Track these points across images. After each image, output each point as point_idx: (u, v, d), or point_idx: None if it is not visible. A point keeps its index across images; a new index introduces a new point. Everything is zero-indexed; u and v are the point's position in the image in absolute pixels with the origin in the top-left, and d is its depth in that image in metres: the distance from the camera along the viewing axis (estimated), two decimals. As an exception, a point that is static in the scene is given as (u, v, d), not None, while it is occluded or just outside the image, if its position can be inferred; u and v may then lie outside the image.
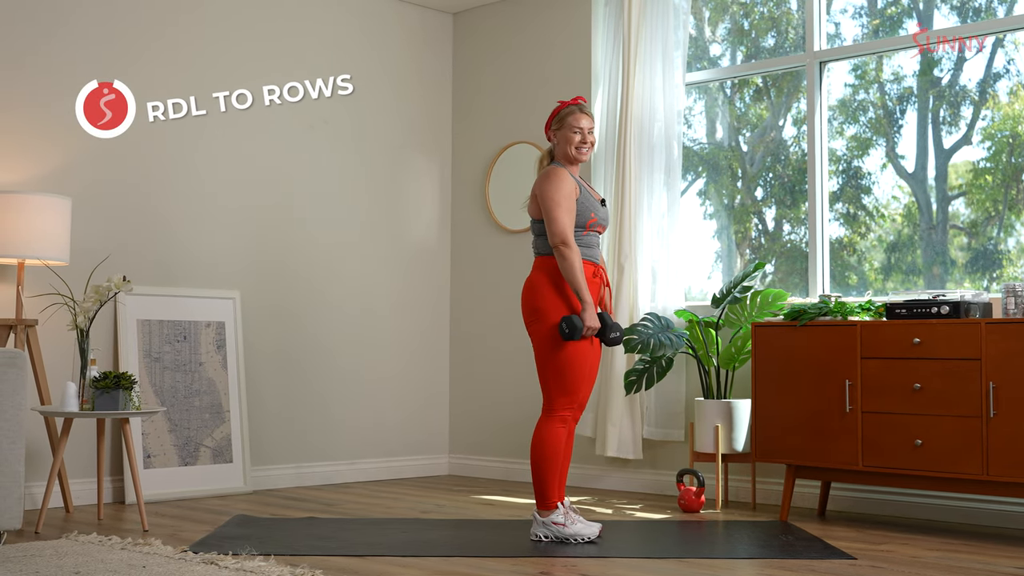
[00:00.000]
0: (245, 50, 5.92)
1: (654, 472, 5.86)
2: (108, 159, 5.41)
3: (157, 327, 5.50)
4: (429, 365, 6.73)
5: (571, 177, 4.25)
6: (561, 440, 4.21)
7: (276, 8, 6.09)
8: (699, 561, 3.91)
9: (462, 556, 3.97)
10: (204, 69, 5.74)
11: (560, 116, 4.33)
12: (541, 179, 4.26)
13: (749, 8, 6.08)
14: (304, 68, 6.09)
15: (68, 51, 5.29)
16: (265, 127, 6.00)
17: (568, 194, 4.19)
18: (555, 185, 4.20)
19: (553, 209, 4.16)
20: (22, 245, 4.72)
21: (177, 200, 5.66)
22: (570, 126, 4.29)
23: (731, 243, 6.05)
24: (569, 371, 4.18)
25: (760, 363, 4.95)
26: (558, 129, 4.32)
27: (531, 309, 4.24)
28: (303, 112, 6.16)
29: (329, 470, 6.18)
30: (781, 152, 5.88)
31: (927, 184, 5.40)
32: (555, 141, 4.34)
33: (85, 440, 5.22)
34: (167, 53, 5.63)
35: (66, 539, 4.17)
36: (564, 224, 4.15)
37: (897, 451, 4.52)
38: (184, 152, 5.69)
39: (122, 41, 5.48)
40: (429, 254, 6.76)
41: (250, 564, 3.63)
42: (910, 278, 5.42)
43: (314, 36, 6.24)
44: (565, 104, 4.35)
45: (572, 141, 4.28)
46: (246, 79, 5.81)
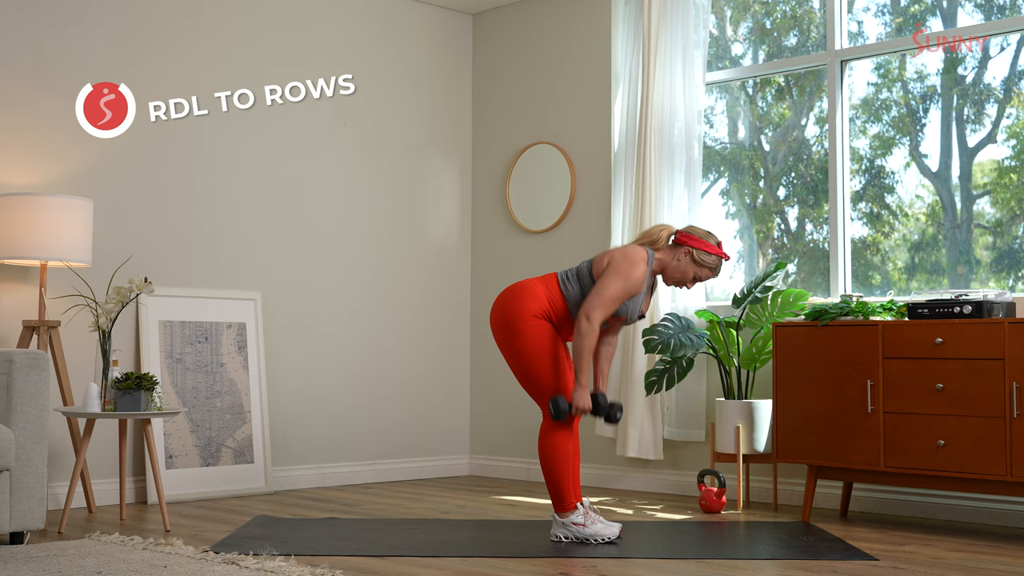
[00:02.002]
0: (265, 51, 5.94)
1: (675, 473, 5.84)
2: (130, 161, 5.44)
3: (179, 328, 5.53)
4: (450, 366, 6.73)
5: (644, 275, 4.17)
6: (567, 442, 4.19)
7: (297, 9, 6.10)
8: (720, 562, 3.89)
9: (482, 557, 3.96)
10: (223, 69, 5.76)
11: (706, 256, 4.23)
12: (625, 257, 4.15)
13: (771, 7, 6.05)
14: (325, 69, 6.10)
15: (91, 51, 5.32)
16: (286, 128, 6.02)
17: (632, 290, 4.14)
18: (632, 274, 4.12)
19: (610, 288, 4.10)
20: (45, 247, 4.75)
21: (198, 202, 5.68)
22: (698, 272, 4.25)
23: (753, 243, 6.02)
24: (536, 372, 4.15)
25: (781, 363, 4.92)
26: (692, 259, 4.24)
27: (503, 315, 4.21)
28: (323, 113, 6.17)
29: (350, 471, 6.20)
30: (804, 151, 5.85)
31: (951, 183, 5.36)
32: (680, 255, 4.25)
33: (107, 441, 5.24)
34: (183, 51, 5.66)
35: (88, 539, 4.19)
36: (605, 307, 4.10)
37: (919, 451, 4.49)
38: (205, 154, 5.71)
39: (136, 41, 5.51)
40: (449, 254, 6.77)
41: (270, 564, 3.64)
42: (934, 278, 5.38)
43: (333, 38, 6.25)
44: (721, 253, 4.26)
45: (684, 277, 4.25)
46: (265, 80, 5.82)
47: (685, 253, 4.25)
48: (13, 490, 4.09)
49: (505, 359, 4.25)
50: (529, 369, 4.15)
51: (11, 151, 5.07)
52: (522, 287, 4.23)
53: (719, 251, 4.26)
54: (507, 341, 4.18)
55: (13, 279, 5.05)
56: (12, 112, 5.08)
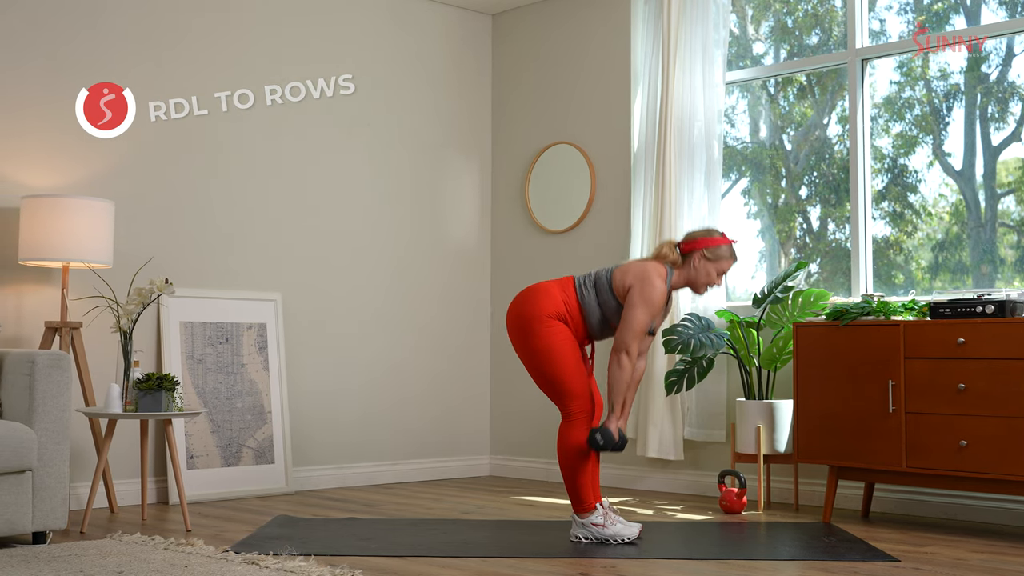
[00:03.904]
0: (283, 51, 5.96)
1: (695, 473, 5.82)
2: (150, 163, 5.46)
3: (199, 329, 5.55)
4: (470, 366, 6.73)
5: (664, 294, 4.19)
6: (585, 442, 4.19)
7: (316, 10, 6.12)
8: (740, 563, 3.88)
9: (501, 557, 3.96)
10: (239, 70, 5.78)
11: (717, 250, 4.25)
12: (646, 280, 4.15)
13: (792, 6, 6.02)
14: (342, 69, 6.11)
15: (108, 53, 5.35)
16: (305, 128, 6.04)
17: (655, 311, 4.16)
18: (653, 296, 4.13)
19: (638, 319, 4.12)
20: (67, 248, 4.78)
21: (218, 203, 5.70)
22: (720, 267, 4.26)
23: (775, 243, 6.00)
24: (552, 372, 4.15)
25: (802, 363, 4.90)
26: (707, 259, 4.25)
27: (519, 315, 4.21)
28: (342, 113, 6.18)
29: (370, 471, 6.21)
30: (826, 150, 5.82)
31: (975, 182, 5.31)
32: (693, 263, 4.26)
33: (129, 441, 5.27)
34: (197, 53, 5.68)
35: (110, 539, 4.21)
36: (639, 336, 4.13)
37: (941, 452, 4.45)
38: (224, 155, 5.74)
39: (152, 42, 5.53)
40: (469, 255, 6.77)
41: (290, 564, 3.65)
42: (958, 277, 5.34)
43: (354, 39, 6.27)
44: (727, 240, 4.28)
45: (711, 277, 4.25)
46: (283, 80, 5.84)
47: (699, 258, 4.26)
48: (36, 490, 4.11)
49: (521, 360, 4.25)
50: (545, 368, 4.15)
51: (33, 153, 5.10)
52: (538, 288, 4.24)
53: (725, 239, 4.29)
54: (523, 341, 4.19)
55: (36, 280, 5.08)
56: (33, 114, 5.11)
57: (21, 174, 5.06)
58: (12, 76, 5.06)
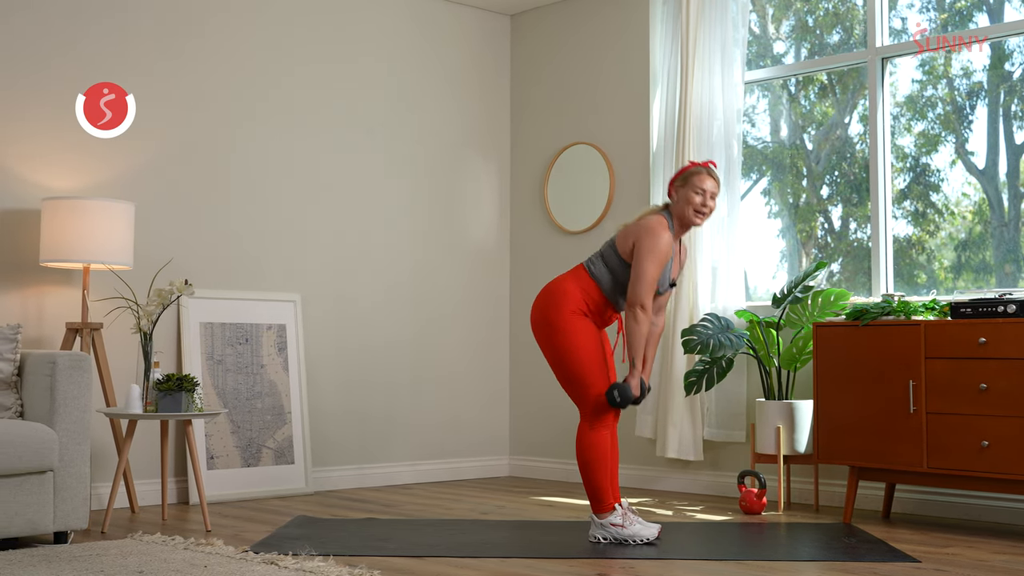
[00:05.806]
0: (302, 51, 5.97)
1: (715, 473, 5.80)
2: (170, 164, 5.49)
3: (219, 330, 5.57)
4: (489, 367, 6.73)
5: (670, 241, 4.17)
6: (605, 442, 4.18)
7: (335, 10, 6.13)
8: (760, 563, 3.86)
9: (519, 557, 3.96)
10: (257, 70, 5.80)
11: (686, 175, 4.24)
12: (647, 231, 4.15)
13: (813, 4, 5.99)
14: (362, 70, 6.13)
15: (129, 52, 5.38)
16: (322, 129, 6.05)
17: (664, 260, 4.14)
18: (657, 244, 4.12)
19: (648, 271, 4.11)
20: (87, 250, 4.80)
21: (238, 204, 5.72)
22: (694, 186, 4.21)
23: (796, 242, 5.97)
24: (577, 370, 4.15)
25: (822, 363, 4.87)
26: (681, 187, 4.23)
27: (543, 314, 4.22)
28: (360, 114, 6.20)
29: (390, 471, 6.21)
30: (847, 150, 5.78)
31: (998, 180, 5.27)
32: (675, 199, 4.26)
33: (149, 441, 5.30)
34: (209, 53, 5.71)
35: (131, 539, 4.23)
36: (650, 289, 4.12)
37: (963, 452, 4.42)
38: (244, 157, 5.75)
39: (174, 40, 5.56)
40: (488, 255, 6.77)
41: (309, 564, 3.66)
42: (981, 276, 5.30)
43: (372, 39, 6.28)
44: (695, 164, 4.28)
45: (692, 202, 4.20)
46: (302, 81, 5.86)
47: (676, 191, 4.25)
48: (57, 490, 4.14)
49: (546, 358, 4.25)
50: (570, 366, 4.15)
51: (53, 156, 5.13)
52: (557, 288, 4.24)
53: (694, 164, 4.28)
54: (547, 338, 4.19)
55: (56, 282, 5.12)
56: (53, 116, 5.14)
57: (41, 176, 5.09)
58: (32, 79, 5.09)
